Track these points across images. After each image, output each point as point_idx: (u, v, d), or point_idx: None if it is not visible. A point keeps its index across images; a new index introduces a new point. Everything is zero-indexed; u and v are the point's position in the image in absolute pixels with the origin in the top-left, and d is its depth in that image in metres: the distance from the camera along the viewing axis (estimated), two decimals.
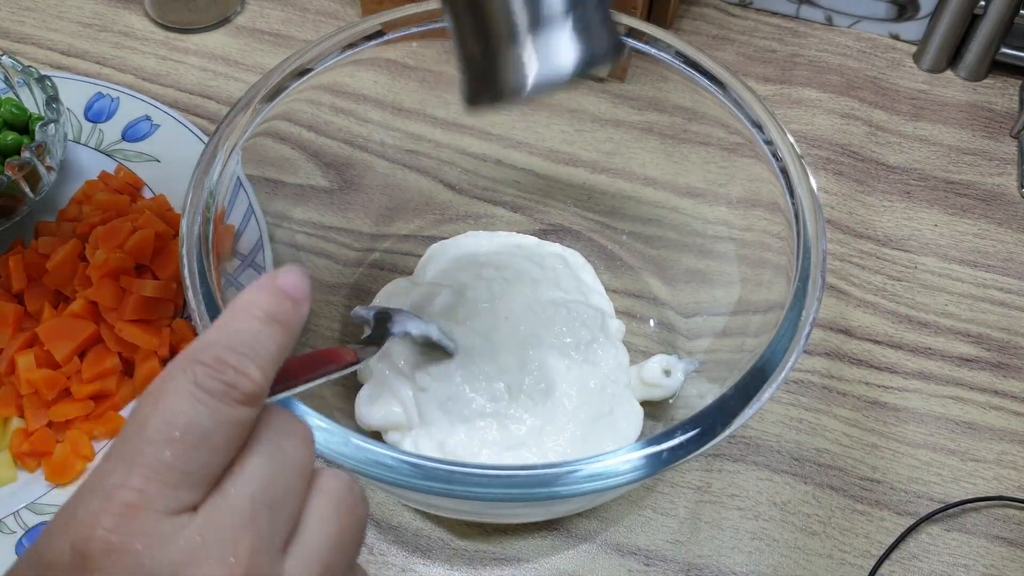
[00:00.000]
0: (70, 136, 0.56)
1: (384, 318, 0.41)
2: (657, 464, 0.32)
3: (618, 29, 0.29)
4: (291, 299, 0.25)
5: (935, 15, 0.62)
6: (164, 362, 0.46)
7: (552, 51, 0.27)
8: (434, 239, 0.52)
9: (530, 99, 0.28)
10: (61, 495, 0.43)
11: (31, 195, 0.51)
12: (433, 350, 0.43)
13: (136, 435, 0.22)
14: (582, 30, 0.27)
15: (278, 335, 0.24)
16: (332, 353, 0.34)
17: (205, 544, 0.21)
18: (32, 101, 0.53)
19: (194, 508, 0.22)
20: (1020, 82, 0.63)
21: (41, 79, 0.52)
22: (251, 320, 0.24)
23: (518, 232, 0.52)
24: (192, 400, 0.22)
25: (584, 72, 0.27)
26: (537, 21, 0.27)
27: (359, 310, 0.42)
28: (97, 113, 0.57)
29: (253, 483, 0.23)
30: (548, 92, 0.28)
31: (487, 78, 0.28)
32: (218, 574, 0.21)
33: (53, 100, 0.51)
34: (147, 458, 0.21)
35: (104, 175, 0.54)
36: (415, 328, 0.41)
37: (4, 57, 0.53)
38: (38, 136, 0.50)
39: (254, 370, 0.23)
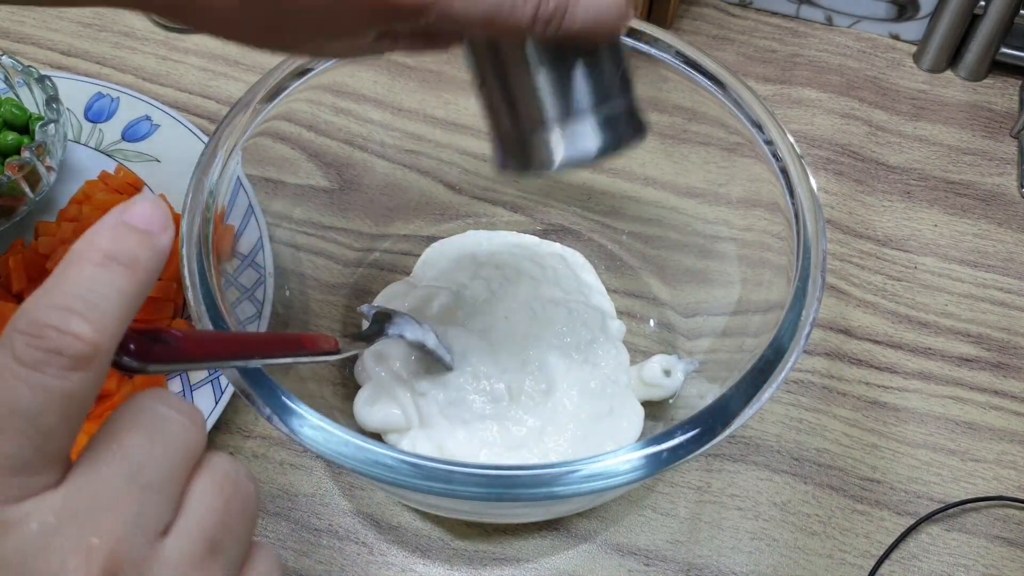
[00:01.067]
0: (70, 136, 0.56)
1: (383, 318, 0.41)
2: (657, 464, 0.32)
3: (643, 115, 0.32)
4: (138, 232, 0.22)
5: (935, 15, 0.62)
6: None
7: (579, 137, 0.30)
8: (434, 239, 0.52)
9: (556, 174, 0.31)
10: None
11: (31, 195, 0.51)
12: (431, 358, 0.43)
13: None
14: (608, 119, 0.30)
15: (119, 278, 0.21)
16: (308, 338, 0.34)
17: (60, 525, 0.20)
18: (32, 101, 0.53)
19: (55, 488, 0.21)
20: (1020, 82, 0.63)
21: (41, 79, 0.52)
22: (84, 265, 0.21)
23: (518, 232, 0.52)
24: (11, 378, 0.19)
25: (608, 155, 0.30)
26: (567, 113, 0.30)
27: (364, 307, 0.42)
28: (97, 113, 0.57)
29: (129, 462, 0.21)
30: (573, 169, 0.30)
31: (517, 151, 0.31)
32: (74, 557, 0.20)
33: (53, 100, 0.51)
34: None
35: (104, 175, 0.54)
36: (411, 333, 0.41)
37: (4, 57, 0.53)
38: (38, 136, 0.50)
39: (81, 326, 0.20)
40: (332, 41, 0.29)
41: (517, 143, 0.31)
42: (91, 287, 0.21)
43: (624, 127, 0.31)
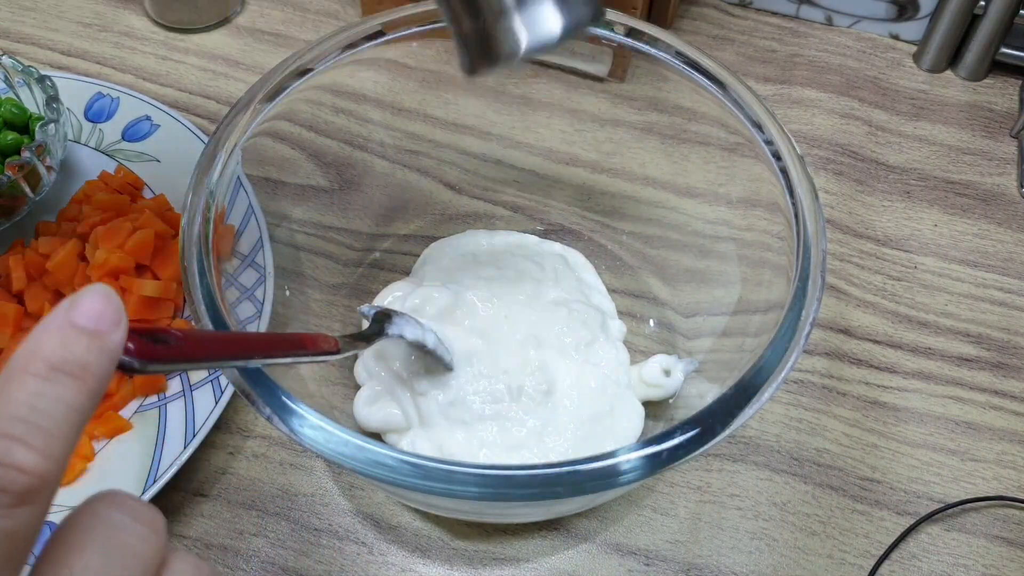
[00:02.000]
0: (70, 136, 0.56)
1: (383, 318, 0.41)
2: (657, 464, 0.32)
3: None
4: (86, 333, 0.20)
5: (935, 15, 0.62)
6: None
7: (540, 20, 0.30)
8: (434, 239, 0.52)
9: (523, 61, 0.31)
10: (61, 495, 0.42)
11: (31, 195, 0.51)
12: (431, 358, 0.43)
13: None
14: (564, 2, 0.31)
15: (67, 391, 0.19)
16: (308, 338, 0.34)
17: None
18: (32, 101, 0.53)
19: None
20: (1020, 82, 0.63)
21: (41, 79, 0.52)
22: (26, 380, 0.19)
23: (518, 232, 0.52)
24: None
25: (570, 36, 0.31)
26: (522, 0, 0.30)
27: (364, 308, 0.42)
28: (97, 113, 0.57)
29: None
30: (538, 54, 0.31)
31: (483, 49, 0.31)
32: None
33: (53, 100, 0.51)
34: None
35: (104, 175, 0.54)
36: (411, 333, 0.41)
37: (4, 57, 0.53)
38: (38, 136, 0.50)
39: (25, 456, 0.18)
40: None
41: (480, 40, 0.31)
42: (35, 405, 0.18)
43: (581, 7, 0.31)
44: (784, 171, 0.40)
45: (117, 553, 0.20)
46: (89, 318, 0.20)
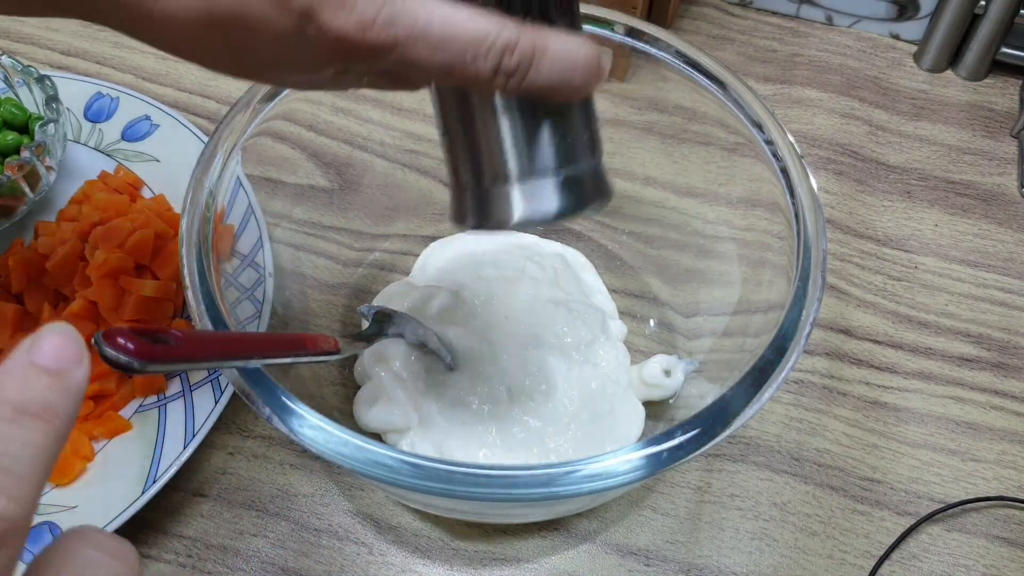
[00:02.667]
0: (70, 136, 0.56)
1: (382, 318, 0.41)
2: (657, 464, 0.32)
3: (607, 180, 0.31)
4: (48, 373, 0.20)
5: (935, 15, 0.62)
6: None
7: (539, 196, 0.29)
8: (434, 239, 0.52)
9: (514, 229, 0.30)
10: (61, 495, 0.43)
11: (31, 195, 0.51)
12: (431, 358, 0.43)
13: None
14: (572, 180, 0.29)
15: (33, 432, 0.19)
16: (308, 338, 0.35)
17: None
18: (32, 101, 0.53)
19: None
20: (1020, 82, 0.63)
21: (41, 79, 0.52)
22: None
23: (518, 232, 0.52)
24: None
25: (567, 217, 0.29)
26: (530, 171, 0.29)
27: (364, 308, 0.42)
28: (97, 113, 0.57)
29: None
30: (531, 227, 0.30)
31: (476, 206, 0.30)
32: None
33: (53, 100, 0.51)
34: None
35: (104, 175, 0.54)
36: (411, 333, 0.41)
37: (4, 57, 0.53)
38: (38, 136, 0.50)
39: None
40: (291, 74, 0.28)
41: (476, 196, 0.30)
42: (2, 451, 0.18)
43: (588, 190, 0.30)
44: (784, 171, 0.40)
45: None
46: (50, 357, 0.20)
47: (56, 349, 0.20)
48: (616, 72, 0.52)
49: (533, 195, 0.29)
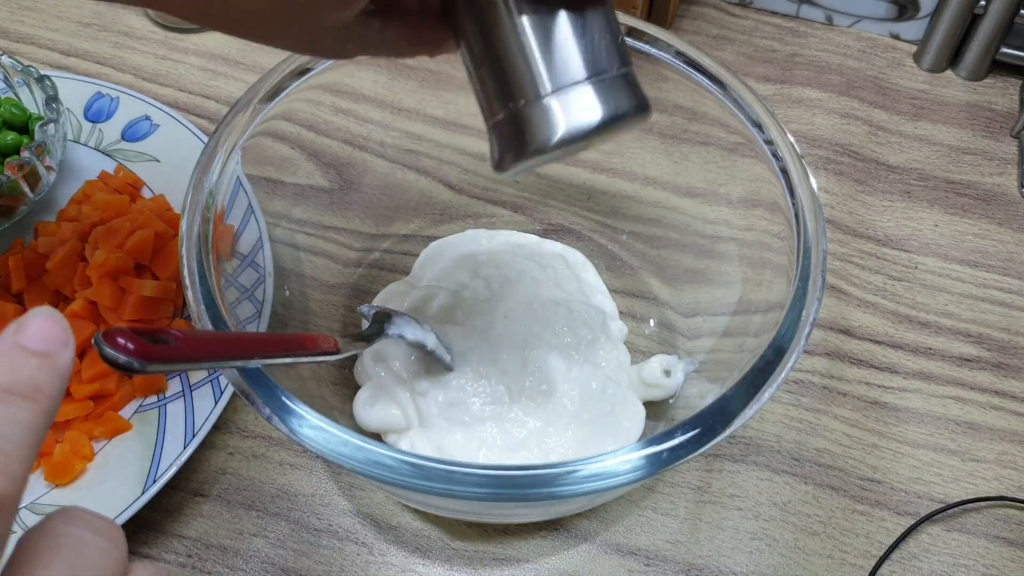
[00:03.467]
0: (70, 136, 0.56)
1: (382, 318, 0.41)
2: (657, 464, 0.32)
3: (643, 91, 0.30)
4: (36, 355, 0.20)
5: (935, 15, 0.62)
6: None
7: (576, 109, 0.27)
8: (434, 239, 0.52)
9: (557, 156, 0.28)
10: (61, 495, 0.43)
11: (31, 195, 0.51)
12: (431, 358, 0.43)
13: None
14: (607, 90, 0.28)
15: (22, 412, 0.19)
16: (308, 338, 0.34)
17: None
18: (32, 101, 0.53)
19: None
20: (1020, 82, 0.63)
21: (41, 79, 0.52)
22: None
23: (518, 232, 0.52)
24: None
25: (609, 128, 0.28)
26: (562, 83, 0.27)
27: (364, 308, 0.42)
28: (97, 113, 0.57)
29: None
30: (574, 148, 0.28)
31: (513, 139, 0.29)
32: None
33: (53, 100, 0.51)
34: None
35: (104, 175, 0.54)
36: (411, 333, 0.41)
37: (4, 57, 0.53)
38: (38, 136, 0.50)
39: None
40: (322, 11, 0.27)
41: (512, 129, 0.29)
42: None
43: (625, 99, 0.28)
44: (784, 171, 0.40)
45: (79, 566, 0.20)
46: (37, 340, 0.20)
47: (43, 331, 0.21)
48: None
49: (571, 106, 0.27)
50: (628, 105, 0.29)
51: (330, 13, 0.27)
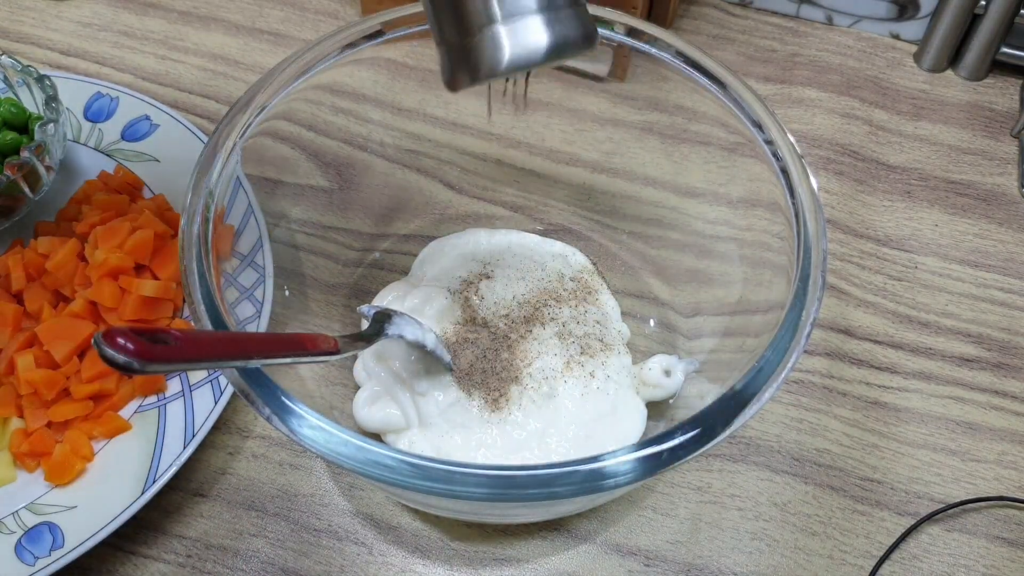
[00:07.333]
0: (69, 136, 0.56)
1: (382, 318, 0.41)
2: (657, 464, 0.32)
3: (591, 21, 0.31)
4: None
5: (935, 15, 0.62)
6: None
7: (525, 35, 0.29)
8: (434, 239, 0.52)
9: (505, 75, 0.30)
10: (60, 495, 0.43)
11: (30, 195, 0.50)
12: (431, 358, 0.43)
13: None
14: (554, 20, 0.29)
15: None
16: (308, 338, 0.35)
17: None
18: (31, 101, 0.53)
19: None
20: (1020, 82, 0.63)
21: (40, 79, 0.52)
22: None
23: (518, 231, 0.52)
24: None
25: (557, 55, 0.30)
26: (512, 12, 0.29)
27: (363, 308, 0.42)
28: (96, 113, 0.57)
29: None
30: (522, 71, 0.30)
31: (465, 60, 0.30)
32: None
33: (52, 100, 0.51)
34: None
35: (104, 175, 0.54)
36: (411, 333, 0.41)
37: (4, 57, 0.53)
38: (37, 136, 0.50)
39: None
40: None
41: (463, 51, 0.30)
42: None
43: (573, 29, 0.30)
44: (784, 171, 0.40)
45: None
46: None
47: None
48: (616, 72, 0.52)
49: (520, 34, 0.29)
50: (574, 35, 0.30)
51: None
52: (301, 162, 0.48)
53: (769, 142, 0.40)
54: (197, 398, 0.44)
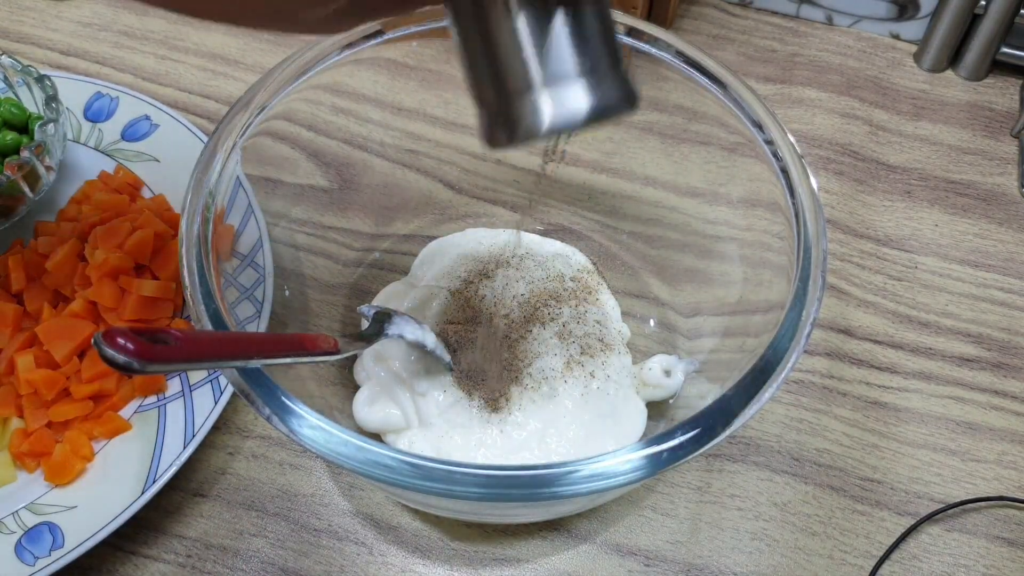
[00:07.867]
0: (69, 136, 0.55)
1: (382, 318, 0.41)
2: (657, 464, 0.32)
3: (632, 85, 0.31)
4: None
5: (935, 15, 0.62)
6: None
7: (566, 100, 0.29)
8: (434, 239, 0.52)
9: (546, 139, 0.29)
10: (60, 495, 0.43)
11: (30, 195, 0.50)
12: (430, 358, 0.43)
13: None
14: (597, 84, 0.29)
15: None
16: (308, 338, 0.35)
17: None
18: (32, 101, 0.53)
19: None
20: (1020, 82, 0.63)
21: (40, 79, 0.52)
22: None
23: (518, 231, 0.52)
24: None
25: (598, 118, 0.29)
26: (553, 76, 0.29)
27: (363, 308, 0.42)
28: (96, 113, 0.57)
29: None
30: (563, 134, 0.29)
31: (502, 121, 0.30)
32: None
33: (52, 100, 0.51)
34: None
35: (104, 175, 0.54)
36: (410, 333, 0.41)
37: (4, 57, 0.53)
38: (37, 136, 0.50)
39: None
40: None
41: (502, 112, 0.30)
42: None
43: (615, 93, 0.30)
44: (784, 171, 0.40)
45: None
46: None
47: None
48: None
49: (560, 99, 0.29)
50: (616, 99, 0.30)
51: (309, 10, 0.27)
52: (301, 162, 0.48)
53: (769, 142, 0.40)
54: (197, 398, 0.44)
